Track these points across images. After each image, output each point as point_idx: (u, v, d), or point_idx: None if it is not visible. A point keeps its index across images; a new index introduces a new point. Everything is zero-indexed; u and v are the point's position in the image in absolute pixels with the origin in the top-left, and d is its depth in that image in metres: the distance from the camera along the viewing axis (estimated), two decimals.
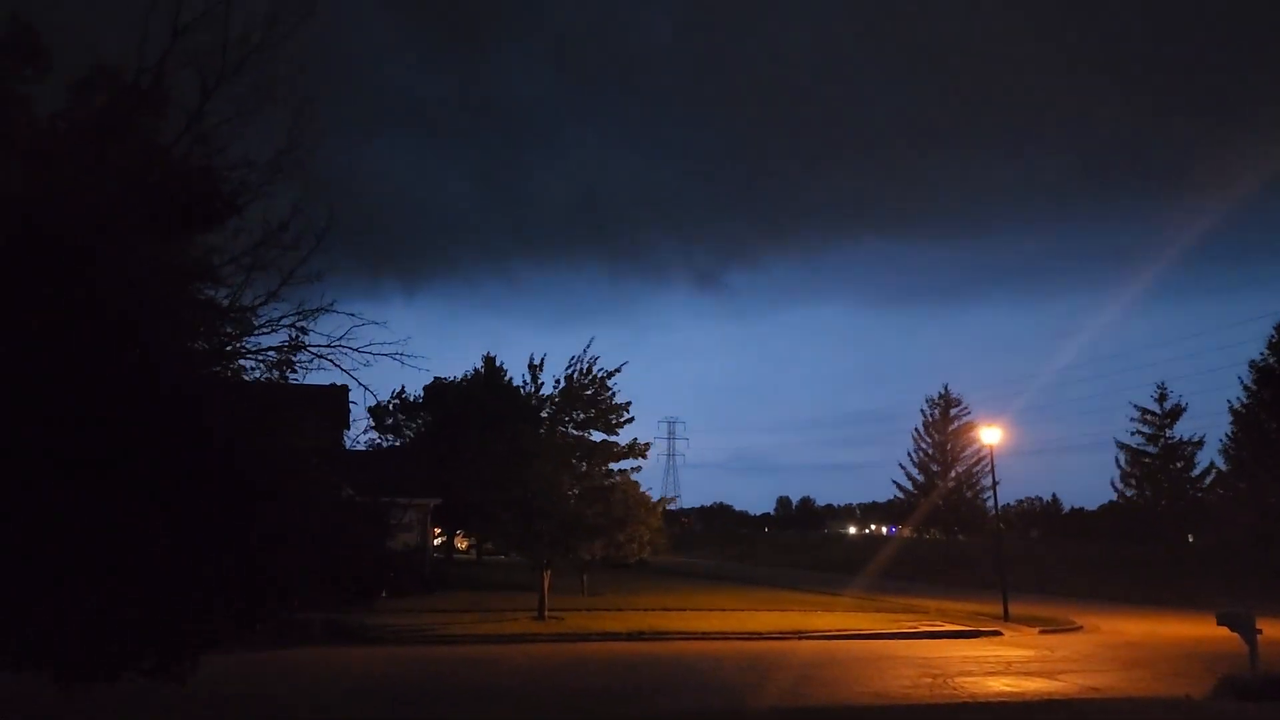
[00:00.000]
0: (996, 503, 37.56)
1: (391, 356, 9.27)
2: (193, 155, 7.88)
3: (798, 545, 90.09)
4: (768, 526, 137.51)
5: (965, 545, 65.21)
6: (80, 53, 8.32)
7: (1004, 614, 28.76)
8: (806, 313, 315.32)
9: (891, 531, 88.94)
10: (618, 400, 27.20)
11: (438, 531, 47.23)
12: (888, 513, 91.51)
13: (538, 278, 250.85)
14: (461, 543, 57.42)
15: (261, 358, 7.90)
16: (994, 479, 35.43)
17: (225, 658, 6.72)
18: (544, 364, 28.09)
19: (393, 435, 54.06)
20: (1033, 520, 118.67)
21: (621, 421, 27.40)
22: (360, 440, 43.78)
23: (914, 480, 68.22)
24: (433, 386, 53.42)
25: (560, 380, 27.11)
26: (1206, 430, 65.48)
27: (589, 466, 27.48)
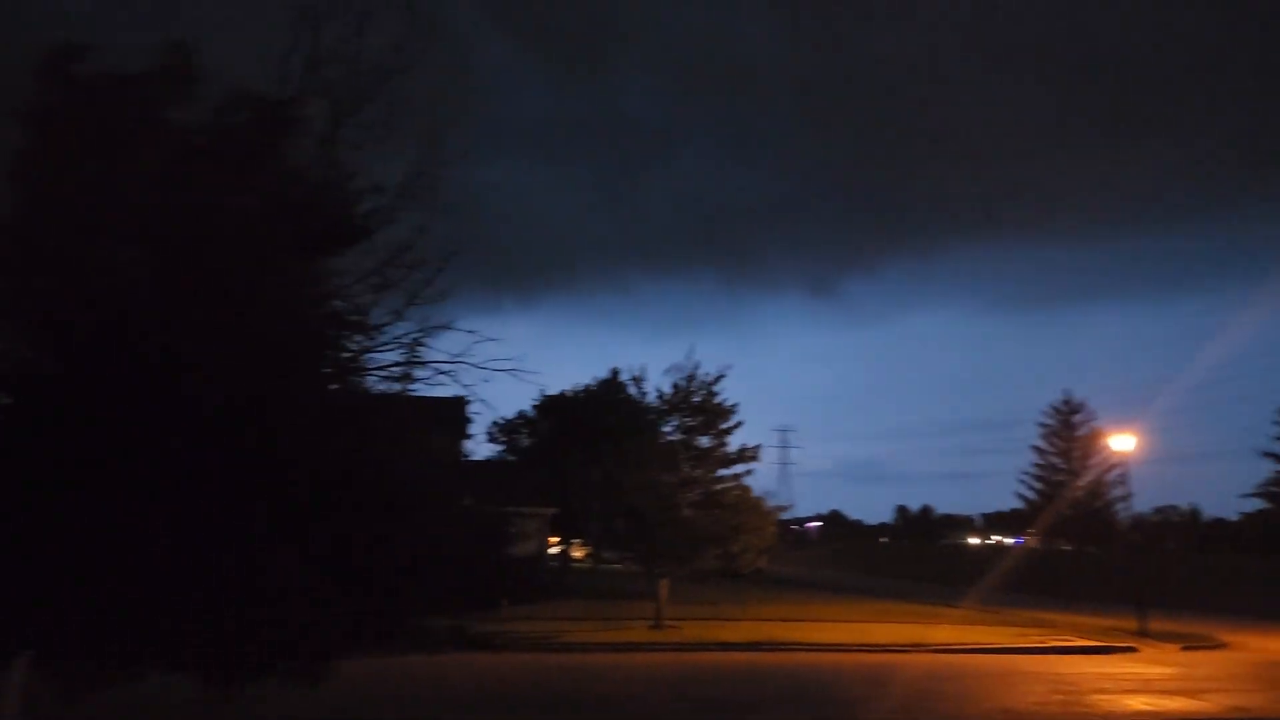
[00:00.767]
0: (1130, 513, 35.98)
1: (508, 372, 9.54)
2: (327, 181, 8.28)
3: (917, 555, 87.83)
4: (885, 536, 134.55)
5: (1096, 557, 62.43)
6: (221, 86, 8.82)
7: (1140, 629, 27.50)
8: (923, 318, 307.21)
9: (1016, 542, 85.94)
10: (725, 405, 27.28)
11: (555, 540, 47.90)
12: (1011, 523, 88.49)
13: (651, 288, 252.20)
14: (578, 551, 58.04)
15: (387, 373, 8.21)
16: (1127, 488, 34.00)
17: (352, 663, 6.99)
18: (653, 373, 28.39)
19: (509, 446, 55.15)
20: (1170, 531, 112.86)
21: (731, 427, 27.47)
22: (479, 452, 44.85)
23: (1038, 489, 65.81)
24: (547, 397, 54.29)
25: (670, 389, 27.35)
26: None
27: (701, 473, 27.58)
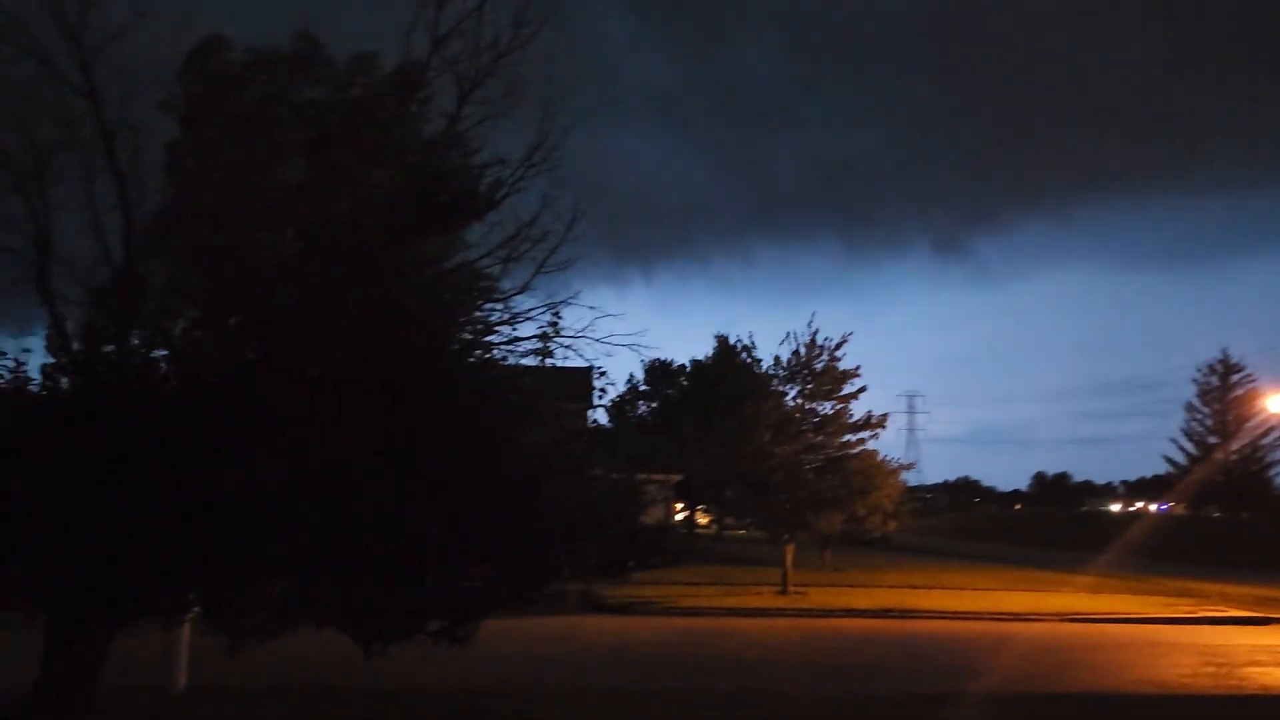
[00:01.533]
0: None
1: (629, 347, 9.64)
2: (452, 155, 8.49)
3: (1053, 522, 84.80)
4: (1018, 503, 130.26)
5: (1250, 523, 59.13)
6: (349, 66, 9.12)
7: None
8: (1058, 276, 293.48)
9: (1161, 508, 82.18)
10: (848, 371, 26.87)
11: (679, 507, 48.31)
12: (1155, 489, 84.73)
13: (772, 254, 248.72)
14: (702, 518, 58.41)
15: (516, 347, 8.42)
16: None
17: (489, 624, 7.26)
18: (774, 340, 28.15)
19: (630, 415, 55.83)
20: None
21: (854, 393, 27.05)
22: (604, 420, 45.48)
23: (1187, 453, 62.75)
24: (666, 366, 54.74)
25: (791, 355, 27.09)
26: None
27: (823, 439, 27.30)
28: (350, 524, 5.99)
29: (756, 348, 28.03)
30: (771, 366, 27.60)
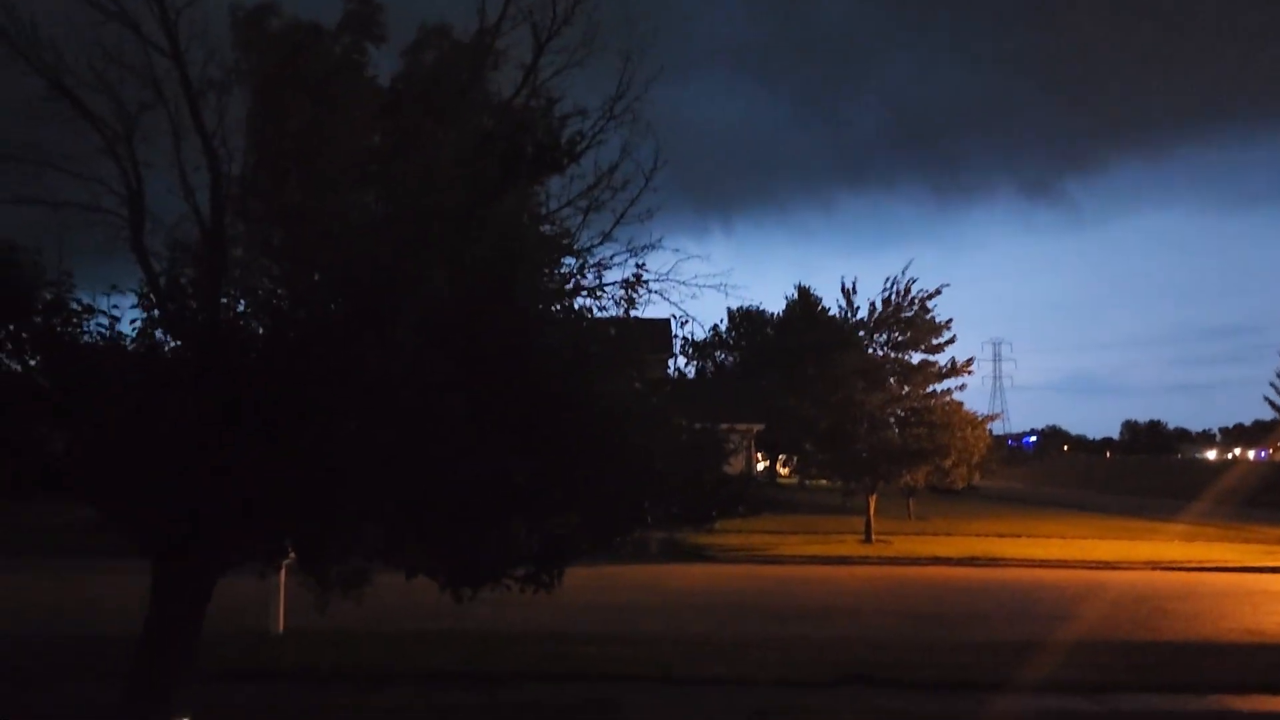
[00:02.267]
0: None
1: (715, 288, 9.59)
2: (531, 108, 8.45)
3: (1145, 470, 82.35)
4: (1109, 451, 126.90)
5: None
6: (412, 25, 9.11)
7: None
8: (1152, 219, 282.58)
9: (1260, 456, 79.21)
10: (939, 321, 26.31)
11: (760, 456, 48.23)
12: (1254, 435, 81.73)
13: (853, 201, 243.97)
14: (783, 468, 58.27)
15: (599, 296, 8.40)
16: None
17: (575, 570, 7.36)
18: (858, 288, 27.57)
19: (710, 363, 55.76)
20: None
21: (943, 343, 26.56)
22: (685, 369, 45.53)
23: None
24: (750, 315, 54.37)
25: (877, 304, 26.59)
26: None
27: (909, 389, 26.90)
28: (439, 474, 6.11)
29: (856, 293, 27.25)
30: (861, 314, 27.11)
